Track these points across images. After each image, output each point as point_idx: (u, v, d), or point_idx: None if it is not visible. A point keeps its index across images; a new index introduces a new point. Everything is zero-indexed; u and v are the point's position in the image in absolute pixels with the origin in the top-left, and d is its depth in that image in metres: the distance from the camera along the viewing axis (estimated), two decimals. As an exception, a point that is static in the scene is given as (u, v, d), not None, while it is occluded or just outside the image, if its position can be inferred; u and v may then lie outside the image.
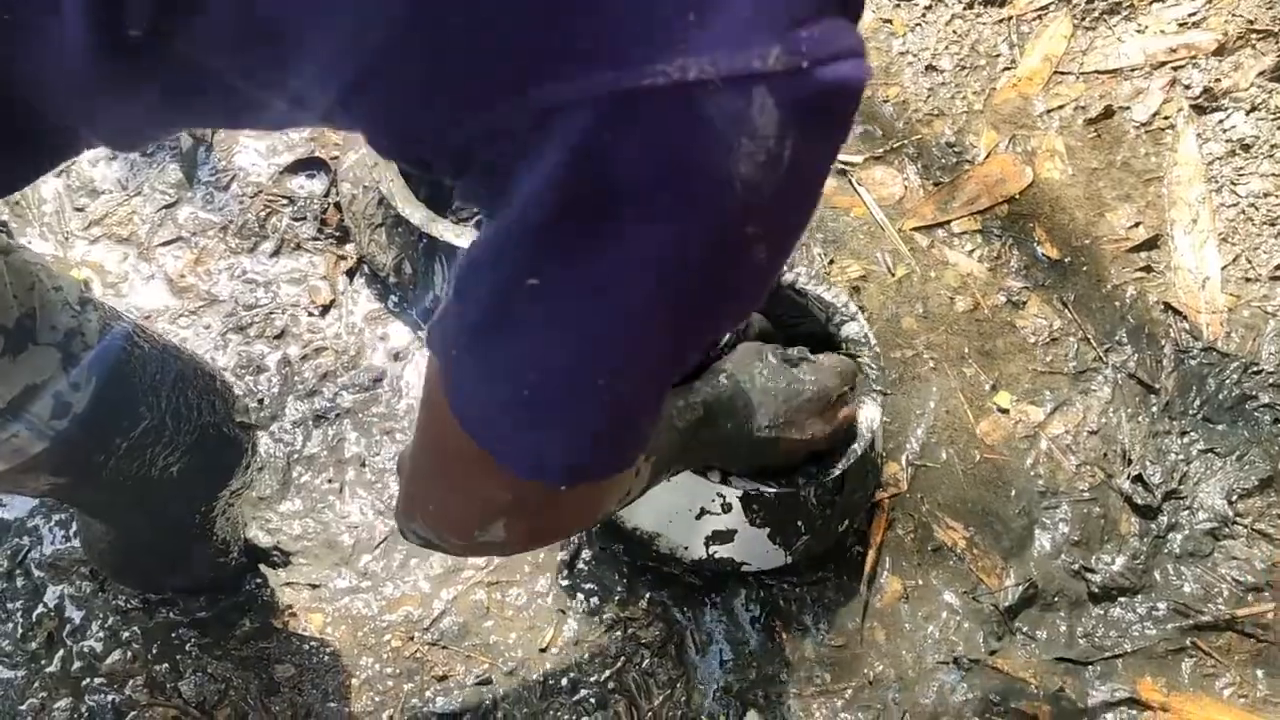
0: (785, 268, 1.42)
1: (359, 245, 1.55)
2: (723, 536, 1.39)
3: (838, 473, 1.34)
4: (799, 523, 1.39)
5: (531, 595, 1.44)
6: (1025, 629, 1.51)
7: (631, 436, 0.64)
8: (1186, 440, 1.63)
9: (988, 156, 1.82)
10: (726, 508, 1.34)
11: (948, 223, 1.76)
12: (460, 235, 1.41)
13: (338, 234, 1.60)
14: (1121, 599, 1.54)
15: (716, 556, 1.41)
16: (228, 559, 1.31)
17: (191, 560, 1.27)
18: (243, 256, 1.59)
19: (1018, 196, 1.79)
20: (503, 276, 0.55)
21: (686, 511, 1.37)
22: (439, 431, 0.69)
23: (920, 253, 1.73)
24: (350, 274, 1.59)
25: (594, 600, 1.44)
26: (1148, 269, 1.76)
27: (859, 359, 1.41)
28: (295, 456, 1.48)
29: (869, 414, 1.38)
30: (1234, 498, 1.60)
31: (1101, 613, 1.53)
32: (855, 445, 1.36)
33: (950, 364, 1.65)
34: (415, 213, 1.41)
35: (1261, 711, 1.49)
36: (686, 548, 1.41)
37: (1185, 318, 1.72)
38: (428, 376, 0.69)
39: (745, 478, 1.31)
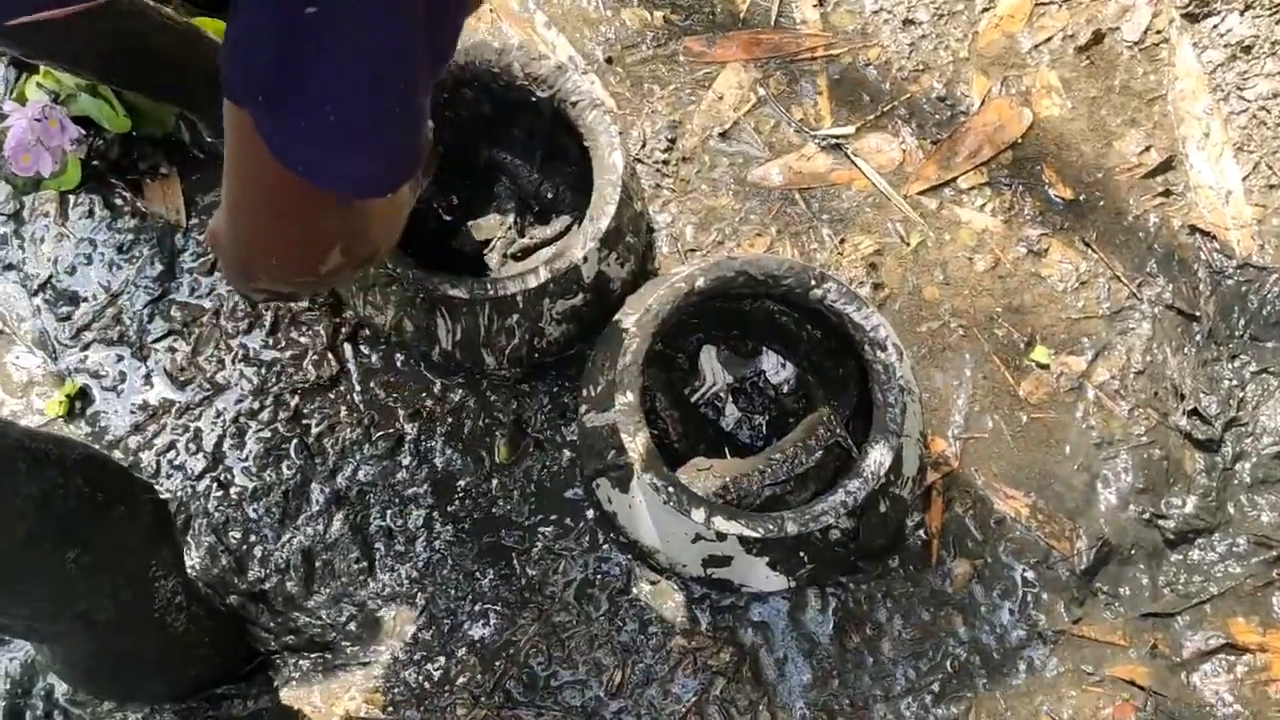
0: (814, 281, 1.37)
1: (354, 310, 1.49)
2: (719, 561, 1.34)
3: (830, 519, 1.29)
4: (801, 554, 1.33)
5: (590, 639, 1.38)
6: (1106, 589, 1.45)
7: (420, 139, 0.73)
8: (1237, 364, 1.57)
9: (982, 104, 1.75)
10: (721, 536, 1.29)
11: (953, 180, 1.69)
12: (457, 286, 1.35)
13: (331, 301, 1.55)
14: (1199, 541, 1.48)
15: (714, 578, 1.36)
16: (207, 652, 1.24)
17: (165, 659, 1.20)
18: (241, 339, 1.54)
19: (1020, 140, 1.72)
20: (282, 12, 0.60)
21: (683, 535, 1.32)
22: (262, 183, 0.74)
23: (931, 216, 1.66)
24: (352, 340, 1.53)
25: (656, 634, 1.39)
26: (1167, 193, 1.69)
27: (881, 397, 1.36)
28: (319, 545, 1.42)
29: (877, 457, 1.33)
30: (1297, 416, 1.54)
31: (1181, 559, 1.47)
32: (852, 485, 1.31)
33: (980, 328, 1.58)
34: (408, 271, 1.35)
35: (1363, 634, 1.42)
36: (684, 565, 1.37)
37: (1214, 237, 1.65)
38: (235, 131, 0.72)
39: (731, 517, 1.29)
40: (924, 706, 1.36)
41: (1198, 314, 1.60)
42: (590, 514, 1.45)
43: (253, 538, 1.43)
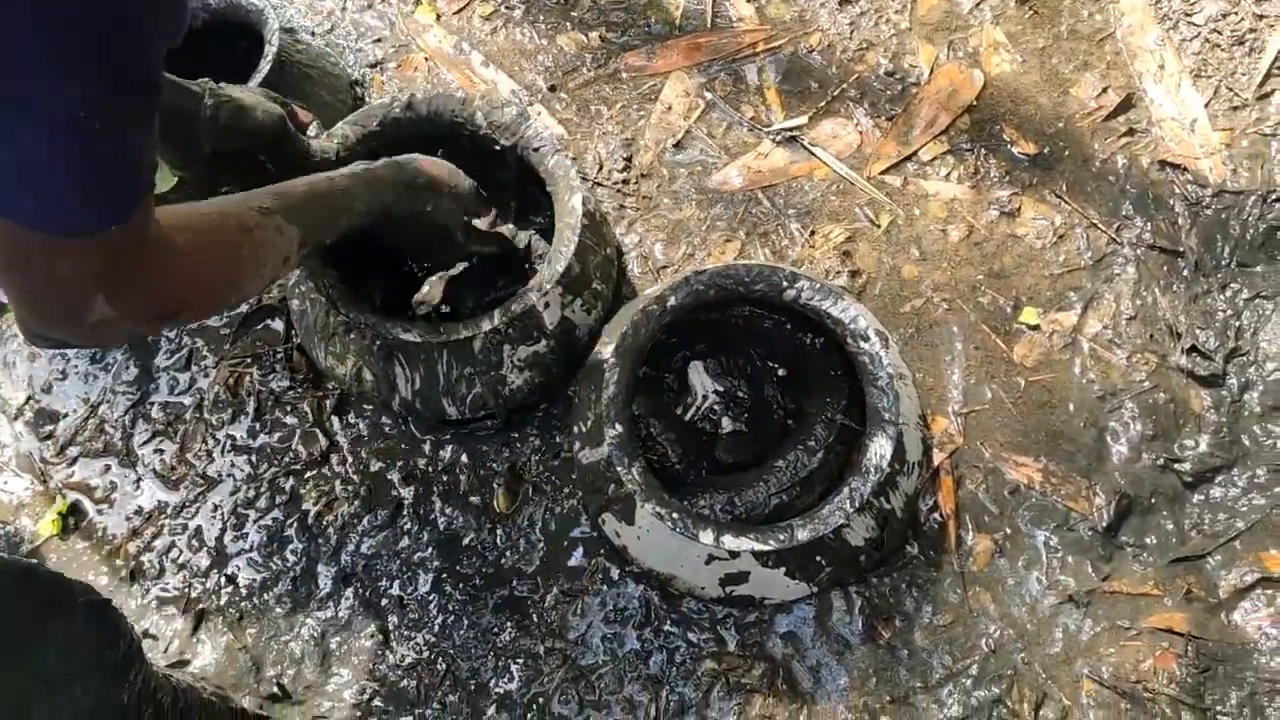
0: (786, 281, 1.35)
1: (316, 361, 1.48)
2: (736, 579, 1.32)
3: (840, 519, 1.27)
4: (818, 559, 1.31)
5: (618, 677, 1.36)
6: (1131, 542, 1.42)
7: (122, 179, 0.77)
8: (1229, 293, 1.54)
9: (932, 72, 1.73)
10: (733, 554, 1.27)
11: (914, 154, 1.67)
12: (410, 331, 1.33)
13: (311, 376, 1.53)
14: (1218, 479, 1.45)
15: (734, 595, 1.34)
16: None
17: None
18: (227, 430, 1.52)
19: (975, 103, 1.70)
20: None
21: (695, 558, 1.29)
22: None
23: (897, 194, 1.64)
24: (338, 412, 1.52)
25: (684, 661, 1.37)
26: (1131, 132, 1.66)
27: (872, 388, 1.34)
28: (332, 627, 1.41)
29: (878, 449, 1.30)
30: (1297, 336, 1.51)
31: (1203, 499, 1.44)
32: (855, 481, 1.29)
33: (964, 299, 1.56)
34: (362, 315, 1.34)
35: (1399, 546, 1.39)
36: (703, 587, 1.34)
37: (1185, 169, 1.63)
38: None
39: (740, 533, 1.27)
40: (965, 691, 1.34)
41: (1181, 249, 1.58)
42: (601, 550, 1.43)
43: (267, 631, 1.42)
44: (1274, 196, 1.59)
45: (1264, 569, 1.40)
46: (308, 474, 1.49)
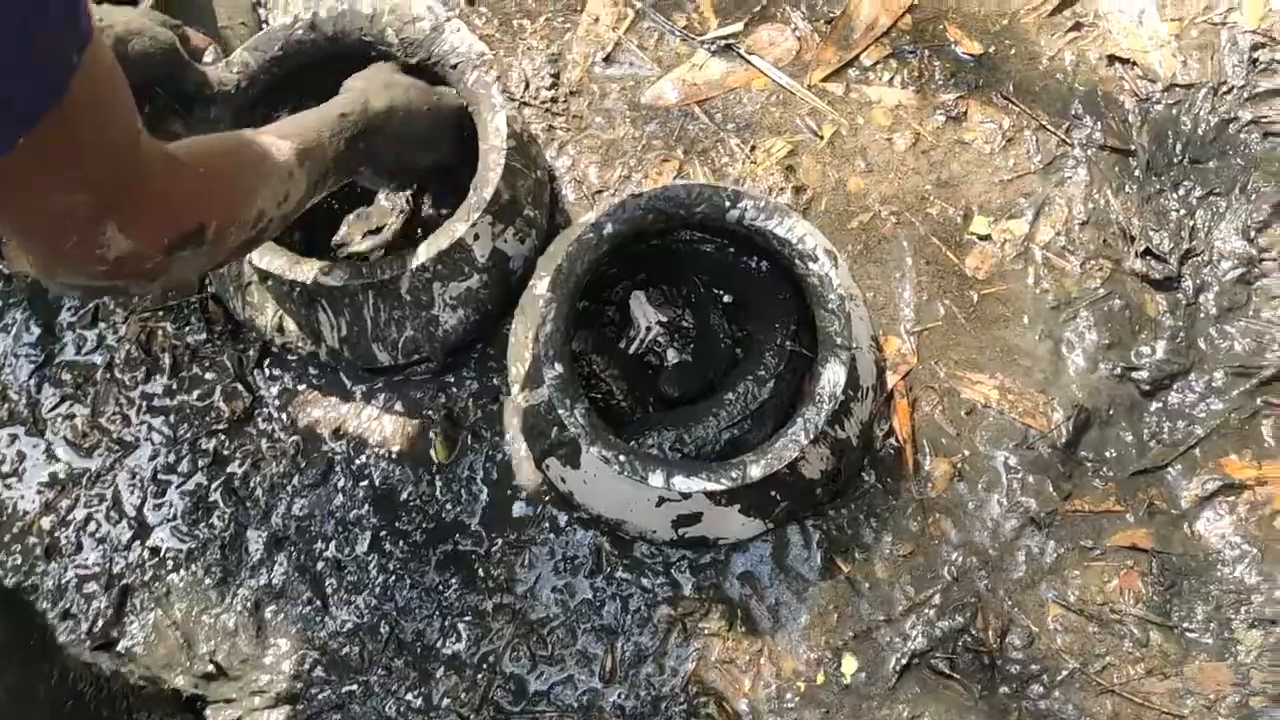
0: (728, 201, 1.27)
1: (234, 313, 1.38)
2: (689, 519, 1.27)
3: (794, 452, 1.20)
4: (772, 493, 1.26)
5: (571, 629, 1.31)
6: (1091, 457, 1.38)
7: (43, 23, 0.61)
8: (1182, 192, 1.49)
9: (870, -30, 1.63)
10: (685, 495, 1.21)
11: (856, 59, 1.58)
12: (330, 273, 1.24)
13: (230, 327, 1.44)
14: (1176, 385, 1.41)
15: (687, 537, 1.29)
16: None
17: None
18: (141, 389, 1.43)
19: (916, 3, 1.61)
20: None
21: (645, 501, 1.24)
22: None
23: (840, 103, 1.56)
24: (261, 364, 1.43)
25: (639, 609, 1.32)
26: (1078, 26, 1.59)
27: (822, 312, 1.26)
28: (267, 595, 1.34)
29: (831, 377, 1.24)
30: (1252, 233, 1.47)
31: (1160, 407, 1.41)
32: (809, 413, 1.22)
33: (912, 210, 1.49)
34: (275, 259, 1.24)
35: (1358, 446, 1.37)
36: (654, 531, 1.29)
37: (1134, 63, 1.56)
38: None
39: (691, 473, 1.20)
40: (929, 622, 1.30)
41: (1132, 147, 1.52)
42: (547, 496, 1.36)
43: (197, 604, 1.34)
44: (1225, 89, 1.53)
45: (1225, 475, 1.37)
46: (231, 433, 1.40)
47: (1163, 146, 1.52)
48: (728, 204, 1.30)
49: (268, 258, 1.24)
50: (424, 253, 1.25)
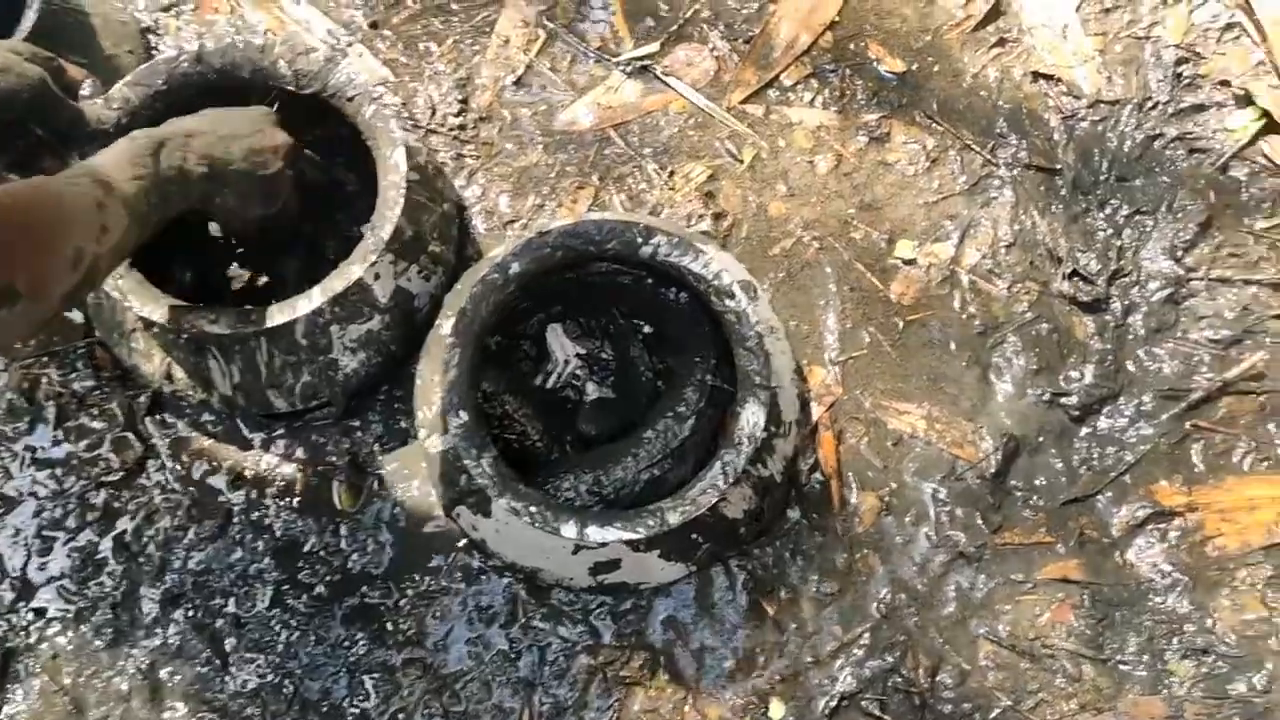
0: (640, 237, 1.21)
1: (120, 359, 1.31)
2: (607, 566, 1.21)
3: (711, 498, 1.16)
4: (693, 536, 1.21)
5: (485, 683, 1.25)
6: (1021, 486, 1.35)
7: None
8: (1109, 211, 1.46)
9: (789, -13, 1.59)
10: (601, 543, 1.16)
11: (776, 79, 1.54)
12: (216, 321, 1.18)
13: (119, 373, 1.36)
14: (1105, 410, 1.38)
15: (607, 584, 1.23)
16: None
17: None
18: (24, 441, 1.35)
19: (838, 19, 1.57)
20: None
21: (560, 549, 1.18)
22: None
23: (760, 125, 1.51)
24: (154, 412, 1.35)
25: (557, 659, 1.26)
26: (1001, 42, 1.56)
27: (740, 349, 1.22)
28: (162, 656, 1.26)
29: (750, 417, 1.19)
30: (1179, 253, 1.44)
31: (1090, 433, 1.37)
32: (728, 455, 1.17)
33: (835, 235, 1.45)
34: (157, 309, 1.17)
35: (1289, 468, 1.35)
36: (572, 578, 1.23)
37: (1059, 80, 1.53)
38: None
39: (606, 522, 1.15)
40: (858, 662, 1.26)
41: (1058, 166, 1.49)
42: (460, 542, 1.30)
43: (87, 668, 1.26)
44: (1150, 104, 1.51)
45: (1155, 502, 1.34)
46: (122, 485, 1.33)
47: (1089, 164, 1.49)
48: (640, 240, 1.25)
49: (149, 306, 1.17)
50: (318, 296, 1.19)
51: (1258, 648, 1.27)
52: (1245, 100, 1.49)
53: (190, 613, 1.28)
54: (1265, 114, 1.47)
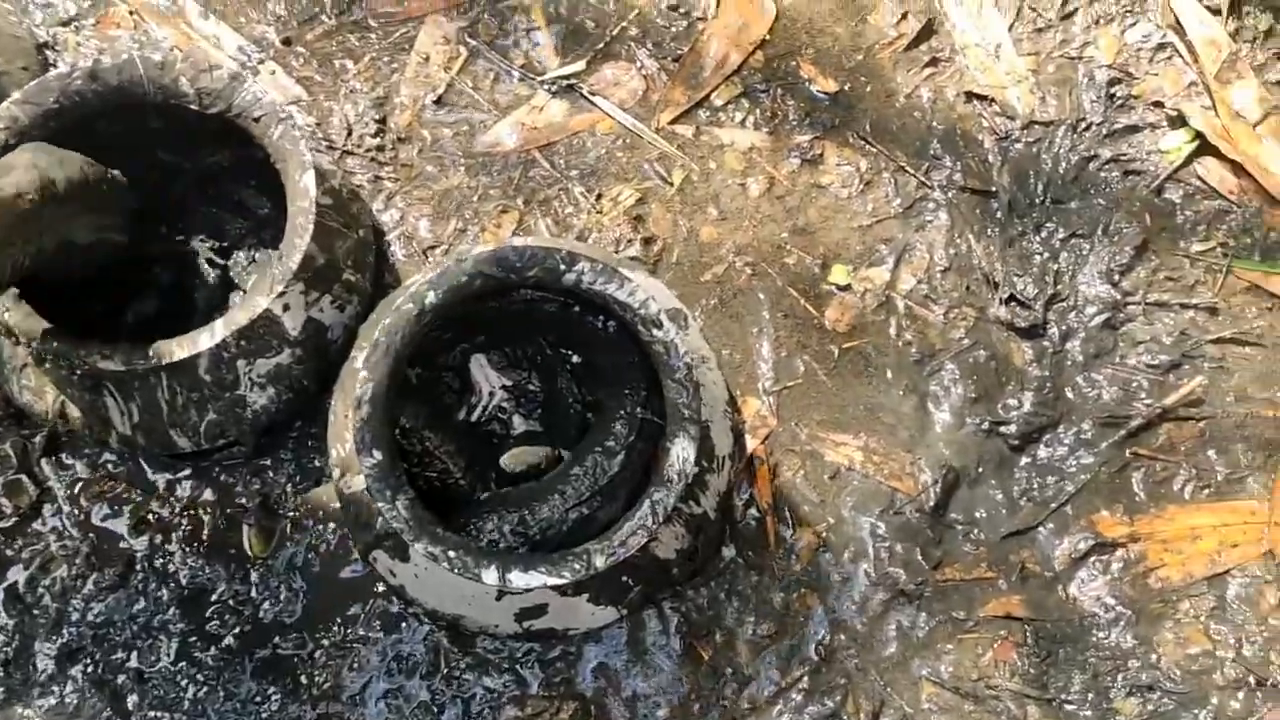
0: (563, 264, 1.15)
1: (11, 397, 1.23)
2: (533, 612, 1.16)
3: (640, 539, 1.10)
4: (624, 579, 1.15)
5: (413, 735, 1.19)
6: (961, 519, 1.31)
7: None
8: (1044, 234, 1.43)
9: (719, 4, 1.55)
10: (525, 588, 1.10)
11: (706, 99, 1.49)
12: (111, 357, 1.10)
13: (12, 411, 1.28)
14: (1045, 438, 1.35)
15: (534, 630, 1.18)
16: None
17: None
18: (-92, 485, 1.26)
19: (769, 38, 1.53)
20: None
21: (484, 594, 1.12)
22: None
23: (690, 146, 1.47)
24: (50, 452, 1.27)
25: (481, 710, 1.20)
26: (934, 61, 1.53)
27: (669, 382, 1.16)
28: (57, 717, 1.18)
29: (679, 453, 1.13)
30: (1116, 276, 1.42)
31: (1030, 462, 1.34)
32: (658, 494, 1.12)
33: (768, 260, 1.41)
34: (50, 341, 1.10)
35: (1229, 495, 1.33)
36: (497, 625, 1.17)
37: (992, 100, 1.50)
38: None
39: (529, 566, 1.09)
40: (797, 708, 1.21)
41: (993, 188, 1.46)
42: (378, 588, 1.23)
43: (-28, 731, 1.18)
44: (1084, 125, 1.49)
45: (1097, 533, 1.31)
46: (15, 532, 1.24)
47: (1024, 186, 1.46)
48: (563, 267, 1.19)
49: (40, 341, 1.10)
50: (221, 329, 1.12)
51: (1203, 683, 1.24)
52: (1179, 121, 1.47)
53: (89, 668, 1.20)
54: (1198, 135, 1.46)
